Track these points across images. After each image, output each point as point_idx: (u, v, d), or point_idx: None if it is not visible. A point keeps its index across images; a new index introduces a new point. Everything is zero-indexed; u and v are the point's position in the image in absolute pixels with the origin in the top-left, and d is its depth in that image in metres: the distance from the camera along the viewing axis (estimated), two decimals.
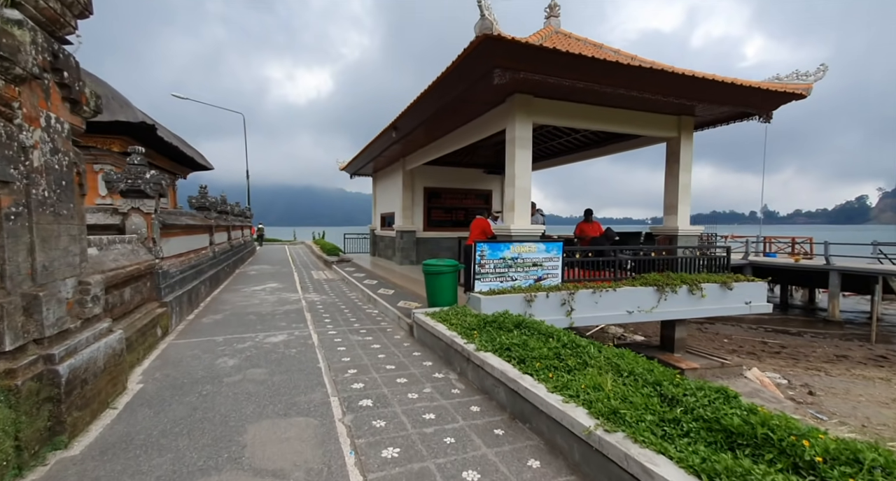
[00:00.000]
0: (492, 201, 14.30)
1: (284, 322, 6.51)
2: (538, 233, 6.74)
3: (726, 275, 7.03)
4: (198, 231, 9.22)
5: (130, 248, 5.26)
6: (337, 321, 6.64)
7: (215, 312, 7.19)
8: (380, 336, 5.76)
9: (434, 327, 4.80)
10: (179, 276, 6.90)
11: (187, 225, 7.80)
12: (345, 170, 17.10)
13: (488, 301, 5.55)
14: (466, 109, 7.38)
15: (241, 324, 6.30)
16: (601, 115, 7.09)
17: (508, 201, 6.80)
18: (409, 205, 13.14)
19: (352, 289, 10.06)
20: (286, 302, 8.24)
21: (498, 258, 5.94)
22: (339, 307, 7.85)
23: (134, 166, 5.76)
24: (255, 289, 9.73)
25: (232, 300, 8.34)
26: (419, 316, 5.41)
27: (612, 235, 7.51)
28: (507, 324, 4.20)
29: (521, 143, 6.60)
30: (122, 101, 9.47)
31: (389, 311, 7.05)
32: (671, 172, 7.85)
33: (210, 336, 5.65)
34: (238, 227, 16.35)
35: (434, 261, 6.04)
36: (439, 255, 13.65)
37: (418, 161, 12.14)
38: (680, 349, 7.64)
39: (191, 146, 14.03)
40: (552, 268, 6.24)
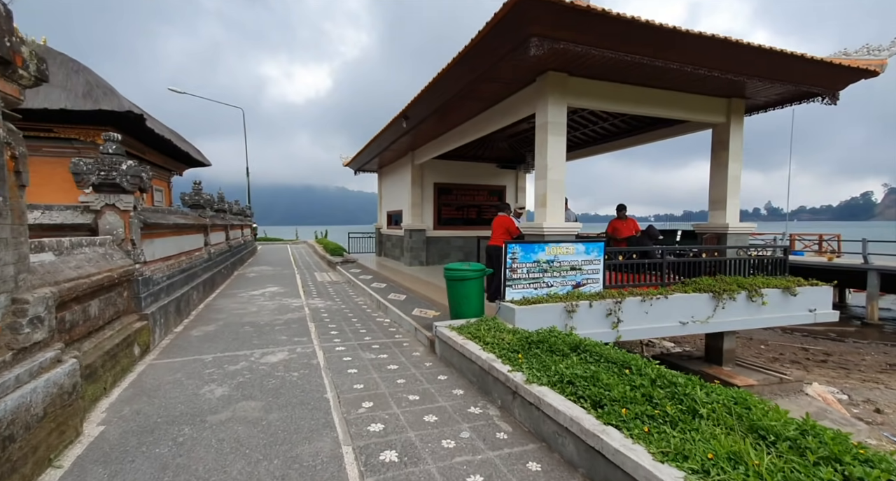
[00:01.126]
0: (505, 197, 13.44)
1: (285, 334, 5.70)
2: (574, 231, 5.90)
3: (788, 279, 6.17)
4: (190, 231, 8.41)
5: (101, 252, 4.44)
6: (345, 333, 5.82)
7: (207, 322, 6.38)
8: (396, 353, 4.93)
9: (464, 346, 3.97)
10: (166, 283, 6.09)
11: (176, 224, 6.99)
12: (349, 165, 16.28)
13: (523, 312, 4.72)
14: (489, 92, 6.54)
15: (235, 338, 5.48)
16: (643, 98, 6.23)
17: (539, 195, 5.95)
18: (418, 202, 12.30)
19: (359, 294, 9.24)
20: (287, 309, 7.43)
21: (531, 261, 5.10)
22: (346, 315, 7.03)
23: (108, 156, 4.95)
24: (254, 294, 8.92)
25: (227, 307, 7.53)
26: (443, 330, 4.58)
27: (655, 234, 6.66)
28: (559, 346, 3.37)
29: (555, 129, 5.75)
30: (107, 88, 8.67)
31: (404, 321, 6.22)
32: (718, 162, 6.98)
33: (198, 354, 4.84)
34: (237, 227, 15.56)
35: (457, 265, 5.21)
36: (450, 256, 12.83)
37: (428, 155, 11.30)
38: (729, 361, 6.80)
39: (186, 141, 13.24)
40: (592, 272, 5.40)
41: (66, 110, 8.04)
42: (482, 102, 7.08)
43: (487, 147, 12.42)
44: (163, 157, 12.48)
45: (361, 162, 14.83)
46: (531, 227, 5.96)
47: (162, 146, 11.42)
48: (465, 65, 5.62)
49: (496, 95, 6.65)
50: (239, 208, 16.89)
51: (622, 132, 9.07)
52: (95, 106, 8.19)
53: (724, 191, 6.89)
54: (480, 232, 13.06)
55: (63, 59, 9.08)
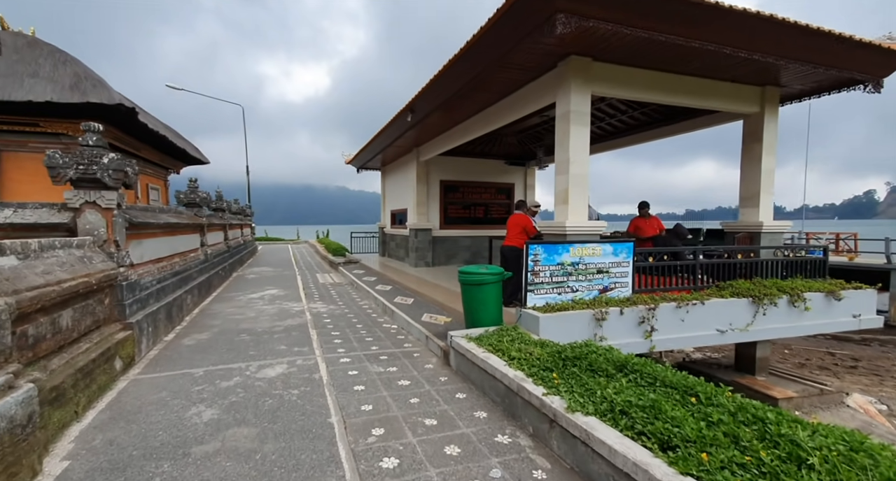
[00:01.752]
0: (514, 195, 12.96)
1: (284, 344, 5.23)
2: (598, 231, 5.41)
3: (830, 282, 5.68)
4: (185, 230, 7.95)
5: (78, 255, 3.98)
6: (349, 341, 5.35)
7: (201, 329, 5.92)
8: (406, 365, 4.46)
9: (485, 361, 3.49)
10: (156, 287, 5.63)
11: (169, 224, 6.52)
12: (351, 163, 15.81)
13: (548, 320, 4.23)
14: (504, 80, 6.05)
15: (229, 349, 5.02)
16: (672, 86, 5.74)
17: (560, 192, 5.47)
18: (423, 201, 11.82)
19: (363, 296, 8.78)
20: (288, 314, 6.96)
21: (555, 263, 4.62)
22: (350, 321, 6.56)
23: (88, 148, 4.48)
24: (253, 297, 8.46)
25: (224, 312, 7.07)
26: (460, 341, 4.11)
27: (684, 233, 6.17)
28: (601, 364, 2.89)
29: (578, 119, 5.27)
30: (96, 80, 8.20)
31: (413, 328, 5.75)
32: (750, 156, 6.48)
33: (187, 367, 4.37)
34: (236, 226, 15.11)
35: (473, 268, 4.74)
36: (457, 256, 12.35)
37: (434, 151, 10.81)
38: (762, 370, 6.32)
39: (183, 137, 12.78)
40: (621, 275, 4.92)
41: (52, 103, 7.58)
42: (496, 93, 6.60)
43: (495, 143, 11.94)
44: (159, 155, 12.02)
45: (364, 159, 14.35)
46: (552, 226, 5.48)
47: (157, 142, 10.96)
48: (482, 48, 5.13)
49: (512, 83, 6.16)
50: (238, 207, 16.44)
51: (643, 125, 8.55)
52: (83, 98, 7.73)
53: (756, 186, 6.39)
54: (488, 231, 12.59)
55: (50, 50, 8.63)
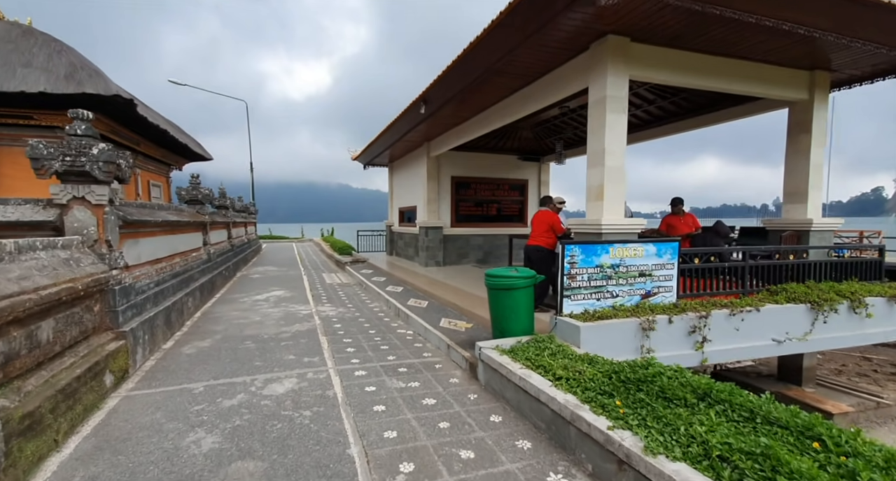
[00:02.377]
0: (528, 192, 12.46)
1: (293, 352, 4.78)
2: (636, 229, 4.92)
3: (890, 285, 5.17)
4: (186, 229, 7.53)
5: (63, 257, 3.54)
6: (363, 350, 4.90)
7: (203, 336, 5.49)
8: (429, 379, 4.00)
9: (525, 379, 3.03)
10: (154, 290, 5.21)
11: (168, 222, 6.09)
12: (357, 159, 15.36)
13: (590, 331, 3.76)
14: (529, 64, 5.56)
15: (233, 358, 4.58)
16: (715, 69, 5.22)
17: (593, 187, 4.98)
18: (434, 198, 11.35)
19: (373, 298, 8.33)
20: (295, 318, 6.52)
21: (593, 266, 4.14)
22: (362, 326, 6.11)
23: (75, 137, 4.04)
24: (258, 299, 8.03)
25: (227, 316, 6.64)
26: (490, 353, 3.64)
27: (726, 231, 5.67)
28: (675, 390, 2.41)
29: (615, 105, 4.77)
30: (92, 70, 7.77)
31: (431, 335, 5.29)
32: (797, 147, 5.95)
33: (186, 380, 3.93)
34: (240, 224, 14.71)
35: (501, 270, 4.27)
36: (469, 256, 11.88)
37: (445, 146, 10.34)
38: (809, 381, 5.83)
39: (185, 132, 12.36)
40: (664, 278, 4.43)
41: (46, 94, 7.16)
42: (518, 78, 6.10)
43: (509, 137, 11.46)
44: (160, 150, 11.61)
45: (371, 155, 13.88)
46: (584, 225, 4.99)
47: (158, 137, 10.54)
48: (510, 26, 4.65)
49: (539, 67, 5.67)
50: (242, 205, 16.04)
51: (675, 114, 7.96)
52: (78, 89, 7.30)
53: (804, 181, 5.87)
54: (501, 229, 12.12)
55: (45, 39, 8.20)
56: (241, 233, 14.82)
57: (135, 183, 10.78)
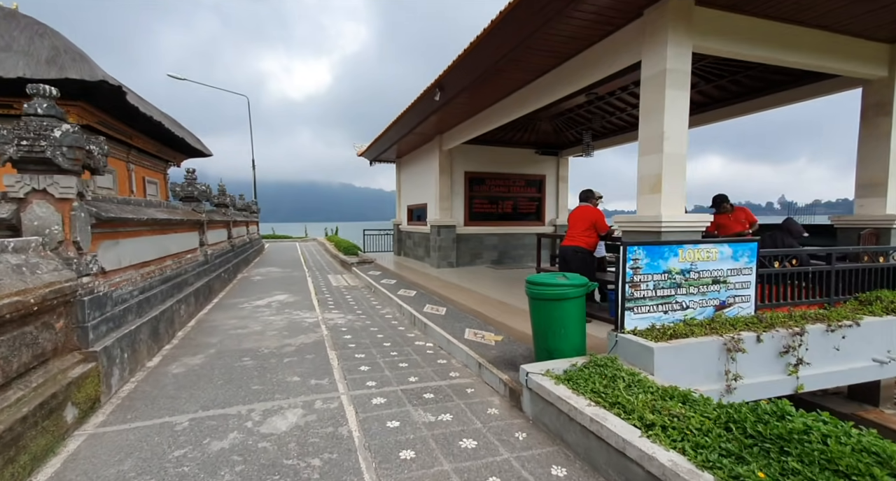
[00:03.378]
0: (545, 188, 11.73)
1: (297, 372, 4.09)
2: (700, 226, 4.19)
3: None
4: (180, 228, 6.86)
5: (14, 263, 2.85)
6: (379, 368, 4.19)
7: (195, 350, 4.80)
8: (462, 409, 3.29)
9: (601, 424, 2.32)
10: (138, 298, 4.52)
11: (156, 220, 5.41)
12: (363, 155, 14.66)
13: (665, 353, 3.04)
14: (564, 40, 4.85)
15: (227, 380, 3.89)
16: (785, 39, 4.48)
17: (647, 177, 4.25)
18: (446, 195, 10.64)
19: (384, 303, 7.63)
20: (299, 327, 5.83)
21: (660, 272, 3.42)
22: (374, 337, 5.41)
23: (35, 118, 3.35)
24: (258, 305, 7.35)
25: (224, 325, 5.96)
26: (543, 383, 2.93)
27: (799, 229, 4.93)
28: (846, 459, 1.68)
29: (676, 81, 4.04)
30: (76, 53, 7.10)
31: (456, 350, 4.59)
32: (873, 133, 5.20)
33: (169, 413, 3.24)
34: (241, 223, 14.05)
35: (545, 277, 3.55)
36: (483, 256, 11.16)
37: (459, 138, 9.63)
38: (887, 401, 5.09)
39: (182, 126, 11.70)
40: (741, 286, 3.70)
41: (26, 79, 6.49)
42: (551, 56, 5.38)
43: (526, 129, 10.72)
44: (155, 145, 10.95)
45: (378, 150, 13.19)
46: (637, 222, 4.26)
47: (153, 130, 9.88)
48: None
49: (577, 42, 4.95)
50: (244, 203, 15.39)
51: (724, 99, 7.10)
52: (61, 74, 6.64)
53: (883, 170, 5.12)
54: (517, 228, 11.41)
55: (28, 22, 7.55)
56: (242, 232, 14.17)
57: (128, 179, 10.14)
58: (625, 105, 8.33)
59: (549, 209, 11.80)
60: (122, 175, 9.75)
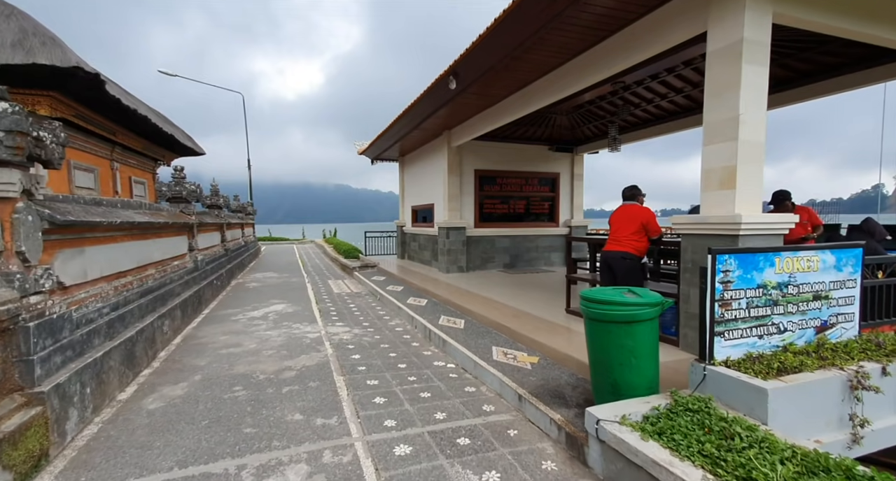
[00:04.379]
0: (558, 188, 11.04)
1: (300, 408, 3.38)
2: (784, 228, 3.52)
3: None
4: (165, 232, 6.14)
5: None
6: (398, 401, 3.49)
7: (177, 376, 4.09)
8: (511, 465, 2.59)
9: None
10: (109, 317, 3.81)
11: (134, 223, 4.69)
12: (364, 153, 13.95)
13: (780, 395, 2.34)
14: (611, 9, 4.16)
15: (214, 419, 3.17)
16: (870, 6, 3.81)
17: (716, 170, 3.57)
18: (455, 194, 9.94)
19: (392, 313, 6.92)
20: (300, 344, 5.12)
21: (754, 286, 2.73)
22: (387, 356, 4.70)
23: None
24: (254, 317, 6.63)
25: (214, 342, 5.24)
26: (625, 437, 2.24)
27: (882, 231, 4.28)
28: None
29: (753, 53, 3.37)
30: (47, 36, 6.34)
31: (485, 374, 3.89)
32: None
33: (136, 474, 2.52)
34: (236, 226, 13.31)
35: (607, 293, 2.87)
36: (494, 260, 10.46)
37: (469, 134, 8.94)
38: None
39: (171, 122, 10.94)
40: (844, 302, 3.02)
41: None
42: (589, 32, 4.70)
43: (540, 124, 10.05)
44: (142, 141, 10.18)
45: (381, 148, 12.48)
46: (703, 224, 3.57)
47: (139, 126, 9.12)
48: None
49: (625, 13, 4.26)
50: (238, 204, 14.65)
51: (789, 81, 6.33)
52: (28, 58, 5.88)
53: None
54: (529, 229, 10.72)
55: None
56: (237, 235, 13.43)
57: (113, 179, 9.38)
58: (652, 95, 7.66)
59: (564, 209, 11.13)
60: (105, 174, 8.99)
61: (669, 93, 7.40)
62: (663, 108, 8.06)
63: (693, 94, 7.28)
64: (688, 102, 7.66)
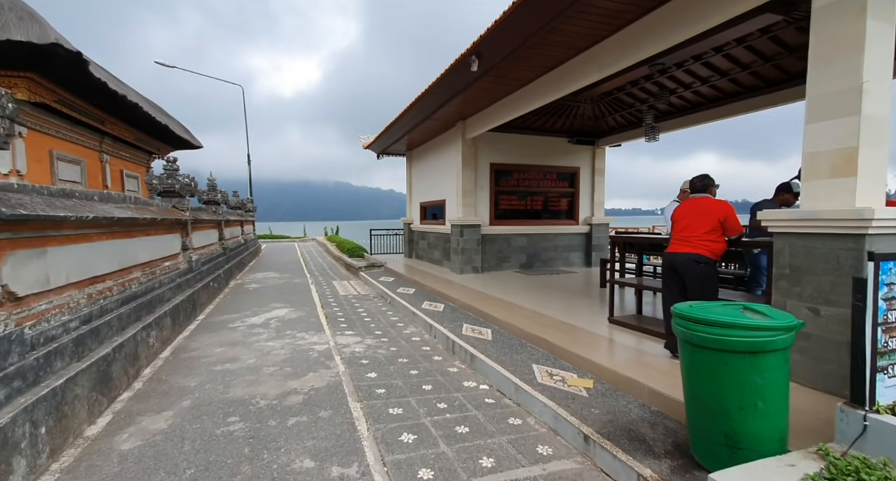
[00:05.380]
0: (578, 183, 10.35)
1: (309, 451, 2.71)
2: None
3: None
4: (154, 229, 5.47)
5: None
6: (430, 440, 2.81)
7: (161, 401, 3.42)
8: None
9: None
10: (76, 332, 3.14)
11: (112, 219, 4.01)
12: (370, 147, 13.27)
13: None
14: None
15: (203, 466, 2.50)
16: None
17: (829, 151, 2.88)
18: (470, 189, 9.25)
19: (406, 319, 6.25)
20: (306, 359, 4.45)
21: None
22: (407, 375, 4.03)
23: None
24: (254, 323, 5.96)
25: (208, 355, 4.57)
26: None
27: None
28: None
29: (880, 9, 2.68)
30: (24, 12, 5.65)
31: (530, 400, 3.21)
32: None
33: None
34: (235, 223, 12.64)
35: (718, 311, 2.19)
36: (511, 259, 9.77)
37: (485, 124, 8.27)
38: None
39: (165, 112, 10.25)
40: None
41: None
42: None
43: (561, 114, 9.36)
44: (134, 132, 9.50)
45: (388, 141, 11.78)
46: (815, 221, 2.88)
47: (130, 115, 8.44)
48: None
49: None
50: (238, 200, 13.98)
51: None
52: (1, 35, 5.21)
53: None
54: (547, 227, 10.05)
55: None
56: (235, 232, 12.76)
57: (102, 172, 8.70)
58: (692, 79, 6.95)
59: (584, 206, 10.43)
60: (93, 167, 8.32)
61: (713, 76, 6.69)
62: (702, 94, 7.35)
63: (740, 77, 6.57)
64: (733, 87, 6.93)
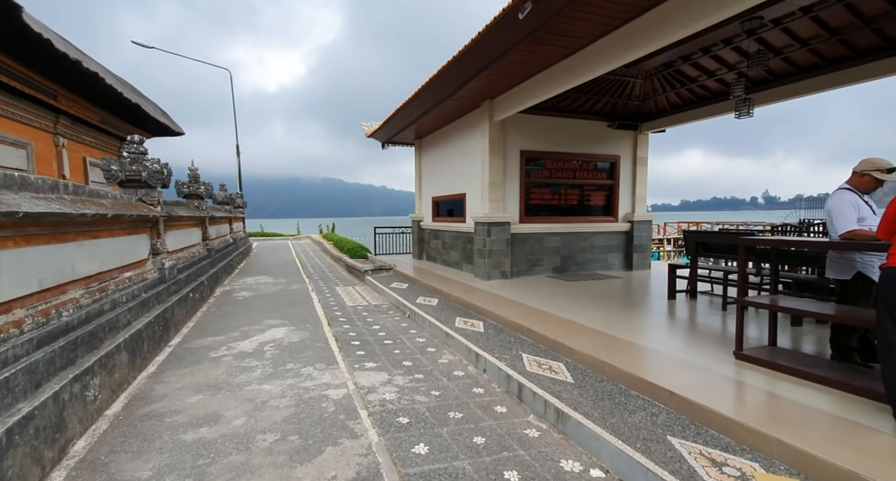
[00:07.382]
0: (618, 175, 9.06)
1: None
2: None
3: None
4: (108, 230, 4.05)
5: None
6: None
7: None
8: None
9: None
10: None
11: (33, 216, 2.60)
12: (374, 136, 11.87)
13: None
14: None
15: None
16: None
17: None
18: (498, 182, 7.91)
19: (437, 343, 4.90)
20: (318, 418, 3.10)
21: None
22: (471, 446, 2.68)
23: None
24: (244, 351, 4.58)
25: (176, 413, 3.19)
26: None
27: None
28: None
29: None
30: None
31: None
32: None
33: None
34: (222, 220, 11.17)
35: None
36: (543, 263, 8.47)
37: (517, 104, 6.97)
38: None
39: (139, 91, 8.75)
40: None
41: None
42: None
43: (605, 92, 8.06)
44: (99, 112, 7.99)
45: (397, 126, 10.37)
46: None
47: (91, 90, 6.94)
48: None
49: None
50: (225, 195, 12.49)
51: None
52: None
53: None
54: (583, 225, 8.77)
55: None
56: (223, 231, 11.29)
57: (57, 158, 7.21)
58: (792, 40, 5.63)
59: (624, 201, 9.16)
60: (45, 151, 6.83)
61: (816, 37, 5.40)
62: (792, 61, 6.04)
63: (851, 37, 5.28)
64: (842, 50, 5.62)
